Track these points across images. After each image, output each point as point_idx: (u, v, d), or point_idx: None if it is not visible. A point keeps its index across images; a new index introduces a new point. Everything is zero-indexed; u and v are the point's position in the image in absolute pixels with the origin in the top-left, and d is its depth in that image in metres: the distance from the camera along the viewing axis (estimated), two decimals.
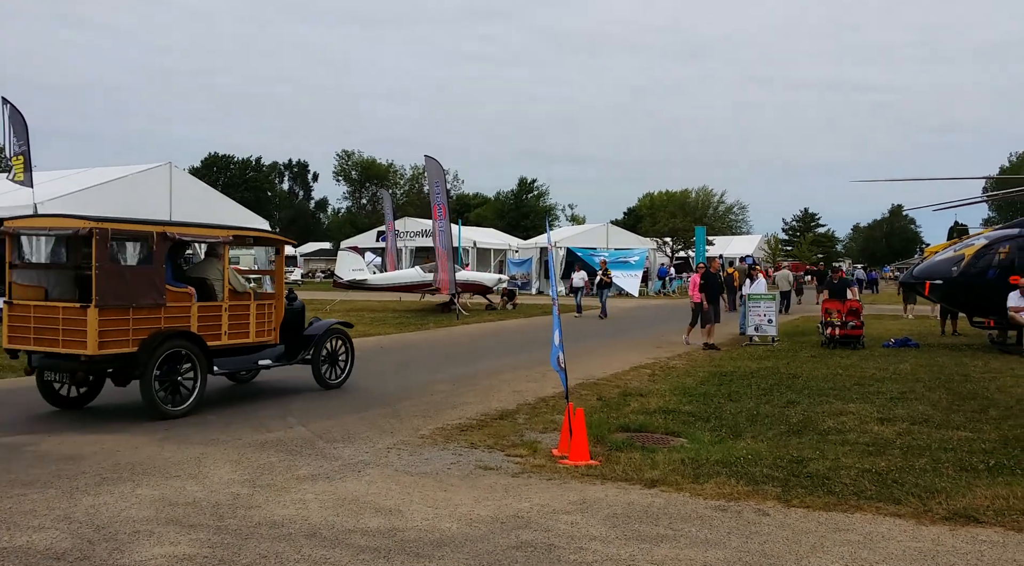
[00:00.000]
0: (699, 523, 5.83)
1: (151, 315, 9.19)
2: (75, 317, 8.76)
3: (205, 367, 9.60)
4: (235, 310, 10.18)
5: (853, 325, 17.27)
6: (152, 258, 9.38)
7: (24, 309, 9.19)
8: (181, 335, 9.41)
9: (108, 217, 9.37)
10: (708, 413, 9.80)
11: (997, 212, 66.30)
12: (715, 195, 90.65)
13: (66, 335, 8.84)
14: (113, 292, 8.80)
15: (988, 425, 9.12)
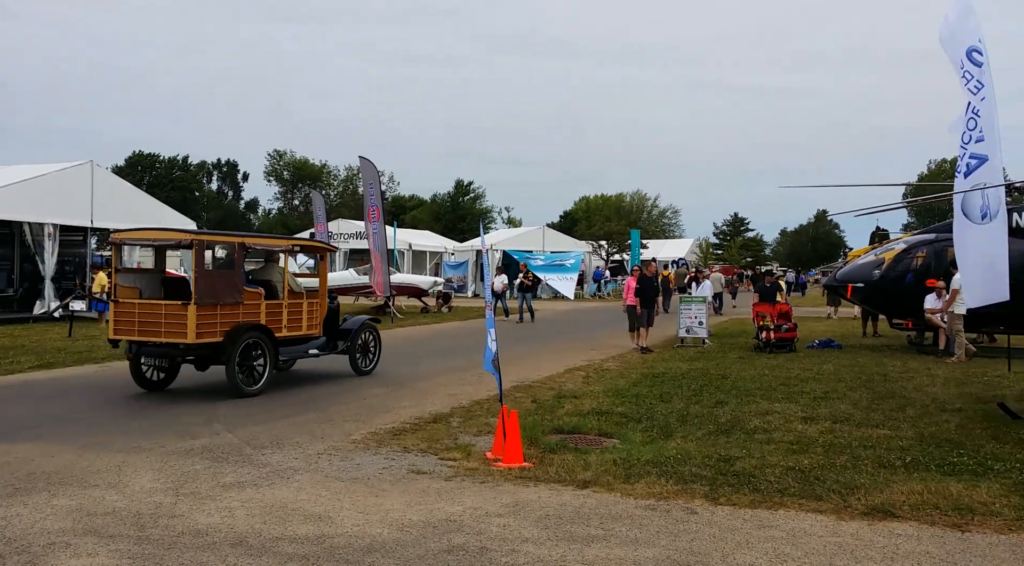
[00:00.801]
0: (629, 523, 5.90)
1: (232, 311, 11.08)
2: (177, 313, 10.65)
3: (273, 354, 11.49)
4: (292, 307, 12.11)
5: (787, 328, 17.48)
6: (233, 264, 11.40)
7: (129, 306, 11.01)
8: (255, 328, 11.28)
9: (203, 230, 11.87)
10: (640, 414, 9.94)
11: (916, 218, 69.15)
12: (649, 199, 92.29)
13: (168, 327, 10.69)
14: (207, 292, 10.70)
15: (905, 423, 9.47)
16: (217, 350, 10.93)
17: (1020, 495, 6.47)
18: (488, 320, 8.52)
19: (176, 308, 10.70)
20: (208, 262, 11.33)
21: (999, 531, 5.68)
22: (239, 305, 11.20)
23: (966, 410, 10.28)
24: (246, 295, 11.35)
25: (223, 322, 10.94)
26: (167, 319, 10.72)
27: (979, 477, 7.05)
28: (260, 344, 11.29)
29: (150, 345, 10.96)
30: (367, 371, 13.45)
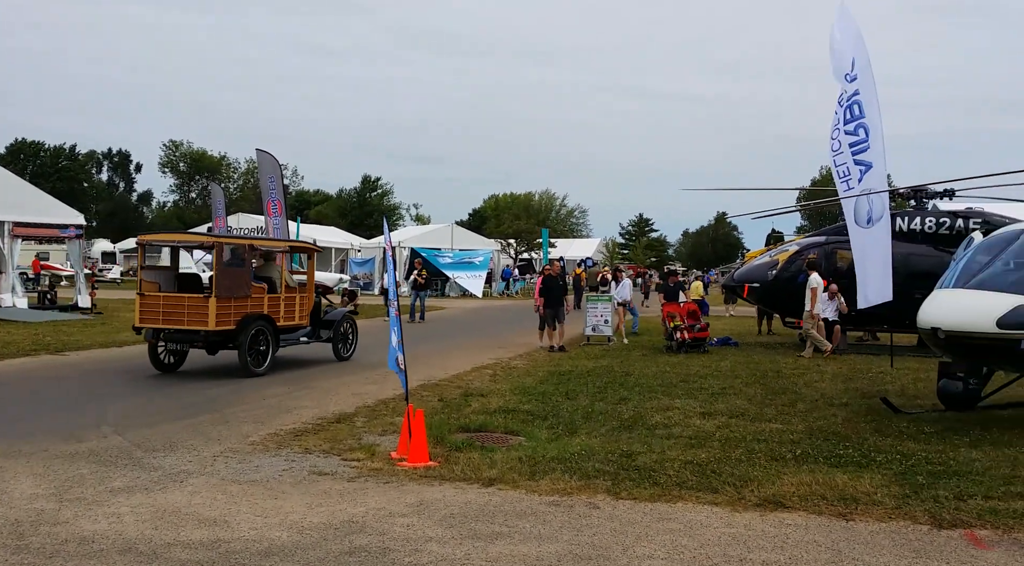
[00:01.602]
0: (533, 519, 5.94)
1: (243, 303, 12.83)
2: (199, 304, 12.38)
3: (275, 340, 13.37)
4: (288, 300, 14.02)
5: (699, 328, 17.59)
6: (243, 262, 13.08)
7: (154, 298, 12.72)
8: (261, 317, 13.10)
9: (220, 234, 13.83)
10: (546, 411, 10.03)
11: (809, 221, 72.33)
12: (558, 199, 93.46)
13: (190, 316, 12.38)
14: (224, 287, 12.44)
15: (796, 417, 9.90)
16: (230, 336, 12.69)
17: (899, 485, 6.85)
18: (392, 319, 8.42)
19: (198, 300, 12.50)
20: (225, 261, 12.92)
21: (880, 519, 6.01)
22: (248, 298, 13.02)
23: (852, 405, 10.82)
24: (253, 289, 13.21)
25: (236, 312, 12.69)
26: (189, 309, 12.48)
27: (863, 468, 7.43)
28: (265, 331, 13.14)
29: (174, 331, 12.63)
30: (347, 357, 15.28)
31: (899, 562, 5.16)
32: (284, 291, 14.07)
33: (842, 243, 18.25)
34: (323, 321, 14.98)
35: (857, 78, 14.13)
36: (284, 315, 13.83)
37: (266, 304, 13.44)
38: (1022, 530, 5.74)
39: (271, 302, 13.58)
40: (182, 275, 14.08)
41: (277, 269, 14.45)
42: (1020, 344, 8.42)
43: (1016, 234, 9.49)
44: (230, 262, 12.99)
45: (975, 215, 17.17)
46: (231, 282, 12.69)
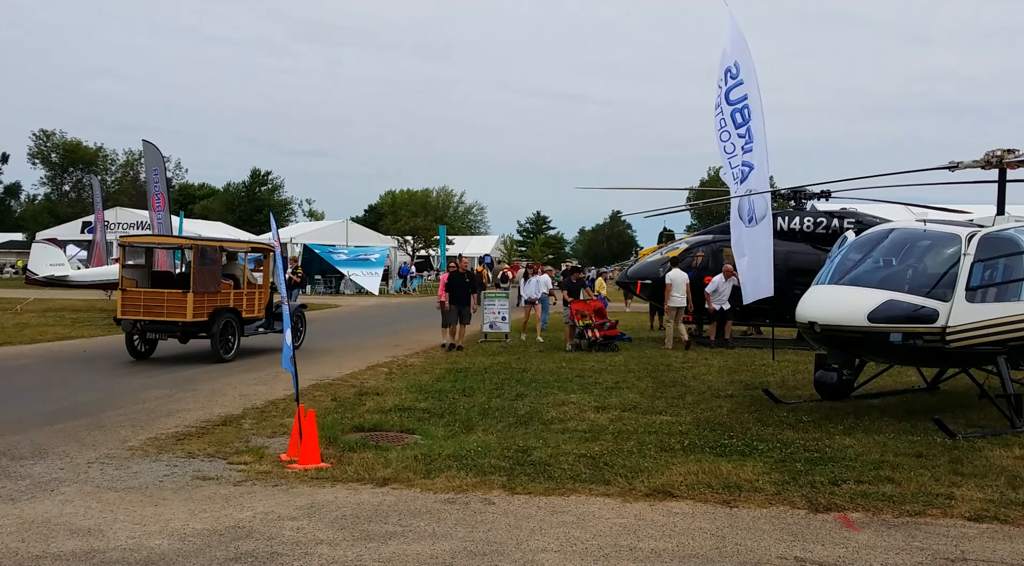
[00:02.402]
0: (428, 517, 5.89)
1: (213, 297, 14.37)
2: (178, 298, 13.95)
3: (241, 330, 15.02)
4: (249, 295, 15.58)
5: (609, 325, 17.63)
6: (214, 262, 14.51)
7: (135, 293, 14.26)
8: (230, 310, 14.69)
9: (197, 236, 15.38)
10: (443, 409, 9.98)
11: (698, 220, 74.93)
12: (455, 195, 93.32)
13: (169, 309, 13.94)
14: (200, 283, 13.99)
15: (685, 409, 10.22)
16: (203, 326, 14.23)
17: (779, 472, 7.17)
18: (284, 317, 8.18)
19: (177, 295, 14.01)
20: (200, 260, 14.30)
21: (761, 505, 6.27)
22: (218, 293, 14.57)
23: (737, 396, 11.26)
24: (222, 285, 14.75)
25: (208, 305, 14.21)
26: (168, 303, 14.00)
27: (746, 457, 7.74)
28: (232, 322, 14.76)
29: (154, 322, 14.12)
30: (297, 346, 16.19)
31: (778, 546, 5.39)
32: (246, 287, 15.66)
33: (727, 241, 18.99)
34: (276, 314, 16.23)
35: (743, 82, 14.71)
36: (246, 308, 15.43)
37: (232, 298, 15.05)
38: (890, 512, 6.10)
39: (236, 297, 15.19)
40: (153, 272, 15.95)
41: (240, 267, 16.00)
42: (889, 336, 8.96)
43: (885, 234, 10.10)
44: (203, 261, 14.35)
45: (849, 215, 18.19)
46: (205, 279, 14.21)
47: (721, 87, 14.97)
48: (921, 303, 8.89)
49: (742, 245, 15.27)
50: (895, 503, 6.27)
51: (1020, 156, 9.99)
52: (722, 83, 15.00)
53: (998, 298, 9.18)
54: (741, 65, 14.75)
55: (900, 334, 8.92)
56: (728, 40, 15.07)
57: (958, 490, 6.59)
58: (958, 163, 10.38)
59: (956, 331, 8.84)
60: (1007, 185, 10.27)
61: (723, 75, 15.00)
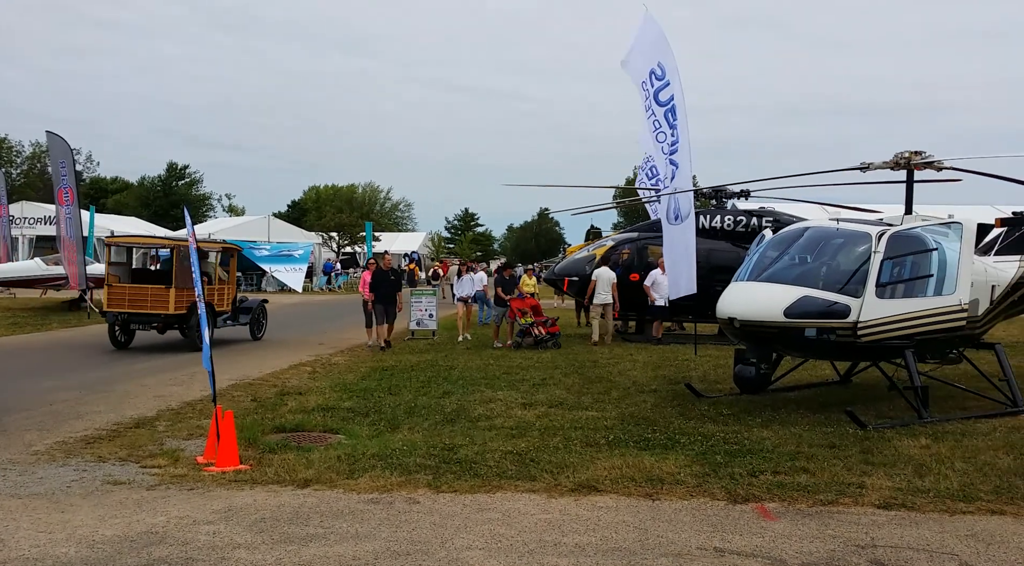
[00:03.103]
0: (351, 518, 5.79)
1: (190, 292, 15.05)
2: (161, 293, 15.51)
3: (214, 322, 16.00)
4: (220, 291, 17.12)
5: (551, 322, 17.62)
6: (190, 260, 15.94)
7: (121, 288, 15.79)
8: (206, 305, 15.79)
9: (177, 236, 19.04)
10: (368, 408, 9.84)
11: (625, 218, 76.07)
12: (382, 191, 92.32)
13: (153, 302, 15.43)
14: (180, 279, 15.42)
15: (610, 405, 10.33)
16: (182, 319, 15.83)
17: (700, 464, 7.32)
18: (201, 315, 7.92)
19: (160, 290, 15.65)
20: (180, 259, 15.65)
21: (682, 497, 6.38)
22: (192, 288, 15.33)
23: (660, 391, 11.45)
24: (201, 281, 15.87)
25: (186, 300, 15.55)
26: (152, 297, 15.56)
27: (668, 450, 7.87)
28: (209, 314, 15.40)
29: (138, 314, 15.65)
30: (259, 337, 18.31)
31: (698, 537, 5.49)
32: (217, 283, 17.08)
33: (652, 239, 19.32)
34: (240, 308, 18.03)
35: (670, 83, 14.94)
36: (217, 302, 16.83)
37: (206, 293, 15.80)
38: (805, 501, 6.30)
39: (209, 292, 16.25)
40: (133, 269, 17.95)
41: (211, 265, 17.36)
42: (804, 331, 9.25)
43: (800, 232, 10.43)
44: (182, 260, 15.67)
45: (767, 214, 18.73)
46: (184, 275, 15.44)
47: (648, 89, 15.16)
48: (834, 299, 9.21)
49: (667, 243, 15.55)
50: (809, 493, 6.47)
51: (927, 157, 10.45)
52: (648, 85, 15.20)
53: (906, 294, 9.58)
54: (666, 66, 14.98)
55: (815, 329, 9.22)
56: (647, 41, 15.26)
57: (868, 479, 6.84)
58: (869, 164, 10.78)
59: (867, 326, 9.19)
60: (915, 185, 10.74)
61: (648, 77, 15.20)
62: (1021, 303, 11.41)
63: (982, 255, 10.93)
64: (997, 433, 8.66)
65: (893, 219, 10.61)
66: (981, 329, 10.70)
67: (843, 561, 5.09)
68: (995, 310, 10.77)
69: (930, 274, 9.66)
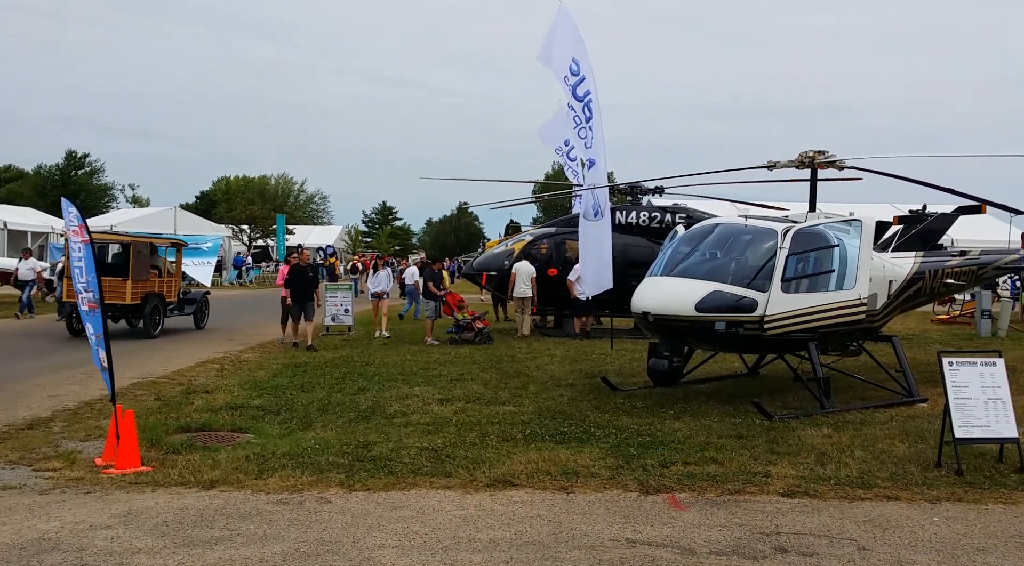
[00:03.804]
0: (259, 519, 5.62)
1: (145, 284, 17.24)
2: (118, 285, 16.66)
3: (164, 312, 17.83)
4: (169, 283, 18.43)
5: (482, 317, 17.51)
6: (144, 255, 17.50)
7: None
8: (156, 295, 17.59)
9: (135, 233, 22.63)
10: (279, 406, 9.59)
11: (544, 212, 76.56)
12: (296, 183, 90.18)
13: (110, 293, 15.57)
14: (136, 271, 16.90)
15: (527, 399, 10.37)
16: (137, 308, 17.14)
17: (614, 457, 7.41)
18: (83, 312, 7.52)
19: (118, 282, 16.74)
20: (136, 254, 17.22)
21: (596, 490, 6.45)
22: (147, 280, 17.51)
23: (577, 385, 11.56)
24: (152, 274, 17.76)
25: (141, 291, 17.14)
26: (110, 289, 15.89)
27: (583, 443, 7.94)
28: (159, 305, 17.73)
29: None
30: (203, 326, 19.42)
31: (611, 528, 5.56)
32: (166, 277, 18.45)
33: (570, 234, 19.50)
34: (185, 299, 19.14)
35: (585, 79, 15.07)
36: (167, 294, 18.25)
37: (157, 285, 17.91)
38: (714, 491, 6.45)
39: (160, 284, 18.02)
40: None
41: (161, 259, 18.73)
42: (714, 325, 9.49)
43: (711, 228, 10.69)
44: (138, 254, 17.19)
45: (681, 210, 19.17)
46: (139, 269, 17.08)
47: (568, 83, 15.23)
48: (742, 294, 9.47)
49: (585, 239, 15.68)
50: (718, 482, 6.64)
51: (829, 157, 10.86)
52: (568, 78, 15.26)
53: (809, 289, 9.94)
54: (580, 61, 15.10)
55: (724, 323, 9.47)
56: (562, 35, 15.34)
57: (774, 468, 7.07)
58: (776, 162, 11.14)
59: (773, 319, 9.49)
60: (818, 183, 11.15)
61: (567, 71, 15.28)
62: (916, 297, 12.00)
63: (881, 251, 11.44)
64: (894, 422, 9.08)
65: (798, 216, 10.98)
66: (879, 322, 11.20)
67: (749, 548, 5.24)
68: (892, 304, 11.29)
69: (832, 269, 10.05)
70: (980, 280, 13.99)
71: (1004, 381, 7.32)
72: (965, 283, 13.10)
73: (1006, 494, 6.46)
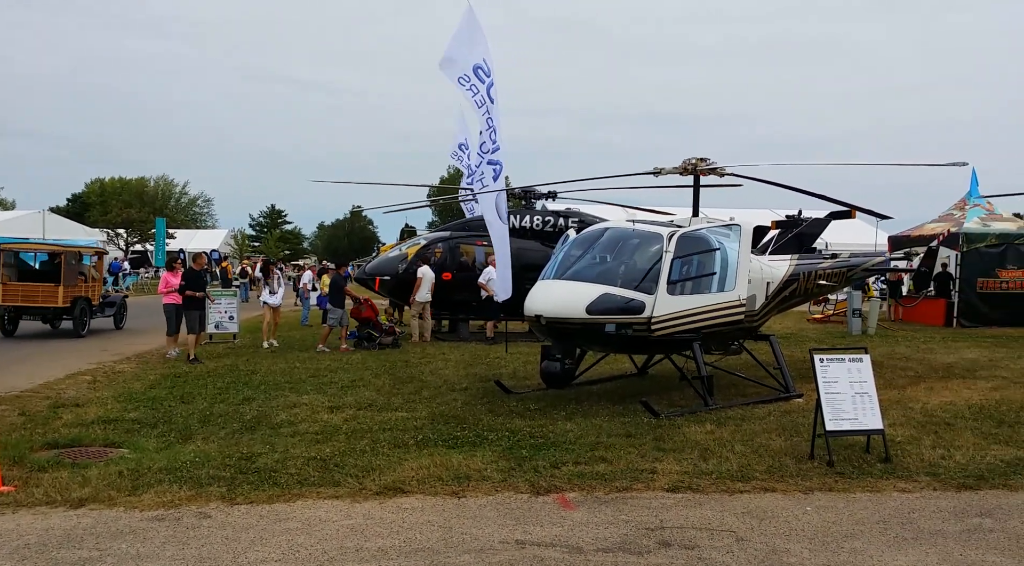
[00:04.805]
0: (132, 538, 5.32)
1: (75, 288, 18.95)
2: (51, 290, 18.53)
3: (91, 313, 19.65)
4: (93, 287, 20.12)
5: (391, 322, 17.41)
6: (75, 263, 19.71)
7: (15, 286, 18.73)
8: (84, 298, 19.32)
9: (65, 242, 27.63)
10: (156, 418, 9.13)
11: (440, 216, 76.28)
12: (178, 185, 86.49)
13: (43, 297, 18.53)
14: (67, 277, 18.62)
15: (421, 404, 10.27)
16: (67, 310, 18.60)
17: (507, 459, 7.43)
18: None
19: (51, 287, 18.35)
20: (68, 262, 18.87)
21: (488, 493, 6.44)
22: (76, 285, 19.01)
23: (471, 389, 11.54)
24: (79, 279, 19.33)
25: (71, 294, 18.60)
26: (43, 293, 18.36)
27: (476, 447, 7.93)
28: (87, 307, 19.30)
29: (31, 307, 18.62)
30: (121, 327, 21.07)
31: (501, 531, 5.56)
32: (91, 281, 20.05)
33: (465, 238, 19.50)
34: (106, 302, 20.94)
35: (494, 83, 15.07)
36: (92, 297, 19.80)
37: (84, 289, 19.44)
38: (602, 489, 6.56)
39: (86, 288, 19.56)
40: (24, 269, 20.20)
41: (86, 266, 20.63)
42: (605, 327, 9.68)
43: (600, 232, 10.91)
44: (69, 262, 18.91)
45: (573, 214, 19.49)
46: (70, 274, 18.65)
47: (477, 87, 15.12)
48: (631, 296, 9.70)
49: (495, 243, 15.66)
50: (607, 480, 6.76)
51: (711, 164, 11.29)
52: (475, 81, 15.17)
53: (693, 290, 10.29)
54: (489, 64, 15.10)
55: (614, 325, 9.67)
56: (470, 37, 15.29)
57: (660, 464, 7.26)
58: (661, 169, 11.49)
59: (659, 321, 9.77)
60: (702, 189, 11.57)
61: (473, 72, 15.19)
62: (792, 298, 12.62)
63: (759, 254, 11.97)
64: (771, 417, 9.50)
65: (683, 221, 11.36)
66: (758, 322, 11.71)
67: (634, 544, 5.35)
68: (770, 304, 11.83)
69: (713, 272, 10.43)
70: (850, 281, 14.87)
71: (870, 376, 7.78)
72: (836, 284, 13.89)
73: (872, 482, 6.86)
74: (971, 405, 10.27)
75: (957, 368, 13.87)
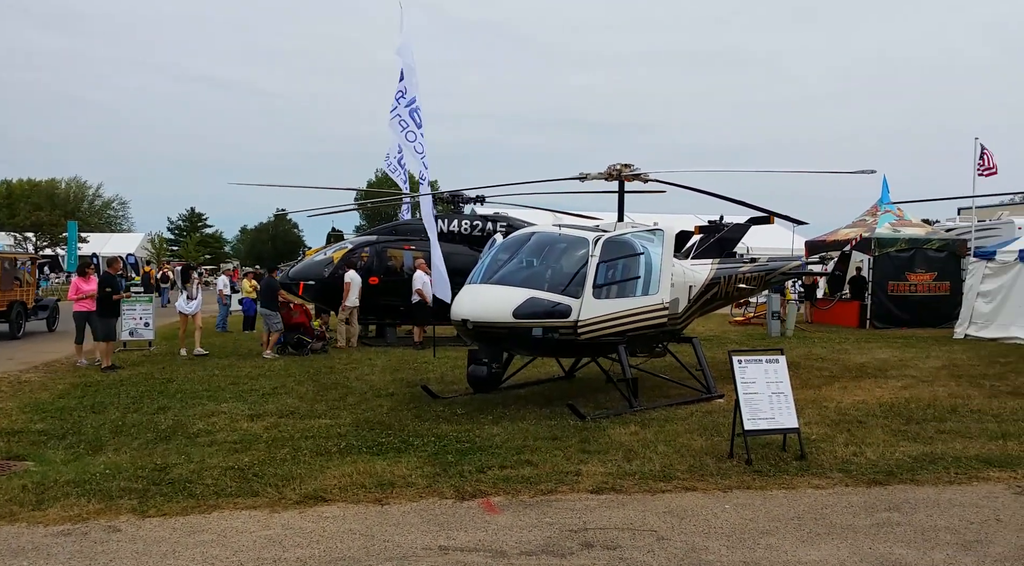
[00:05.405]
0: (34, 554, 5.06)
1: (11, 293, 20.09)
2: None
3: (26, 316, 20.78)
4: (28, 292, 21.32)
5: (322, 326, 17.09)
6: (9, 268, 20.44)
7: None
8: (20, 302, 20.46)
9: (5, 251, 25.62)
10: (65, 429, 8.73)
11: (367, 220, 75.31)
12: (91, 188, 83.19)
13: None
14: (3, 282, 19.65)
15: (345, 411, 10.09)
16: (4, 314, 19.55)
17: (432, 465, 7.37)
18: None
19: None
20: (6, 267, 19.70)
21: (412, 499, 6.36)
22: (12, 290, 20.03)
23: (398, 394, 11.41)
24: (14, 284, 20.20)
25: (7, 299, 19.64)
26: None
27: (401, 453, 7.83)
28: (22, 311, 20.30)
29: None
30: (54, 329, 21.48)
31: (424, 537, 5.50)
32: (25, 286, 20.93)
33: (392, 242, 19.30)
34: (39, 306, 21.77)
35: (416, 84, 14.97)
36: (27, 300, 20.78)
37: (19, 294, 20.40)
38: (527, 493, 6.56)
39: (22, 293, 20.53)
40: None
41: (21, 272, 21.18)
42: (532, 331, 9.70)
43: (527, 236, 10.94)
44: (5, 267, 19.63)
45: (501, 219, 19.52)
46: (5, 279, 19.54)
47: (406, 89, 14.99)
48: (557, 300, 9.76)
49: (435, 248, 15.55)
50: (532, 484, 6.77)
51: (635, 170, 11.46)
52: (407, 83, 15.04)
53: (618, 294, 10.42)
54: (414, 66, 15.00)
55: (541, 329, 9.70)
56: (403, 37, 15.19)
57: (584, 466, 7.31)
58: (587, 174, 11.61)
59: (585, 324, 9.85)
60: (626, 195, 11.74)
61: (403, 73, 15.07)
62: (713, 301, 12.91)
63: (683, 259, 12.21)
64: (694, 417, 9.69)
65: (608, 225, 11.50)
66: (681, 325, 11.94)
67: (557, 546, 5.36)
68: (692, 307, 12.08)
69: (638, 276, 10.59)
70: (768, 284, 15.32)
71: (786, 376, 8.01)
72: (755, 287, 14.28)
73: (788, 480, 7.06)
74: (882, 404, 10.69)
75: (869, 368, 14.42)
